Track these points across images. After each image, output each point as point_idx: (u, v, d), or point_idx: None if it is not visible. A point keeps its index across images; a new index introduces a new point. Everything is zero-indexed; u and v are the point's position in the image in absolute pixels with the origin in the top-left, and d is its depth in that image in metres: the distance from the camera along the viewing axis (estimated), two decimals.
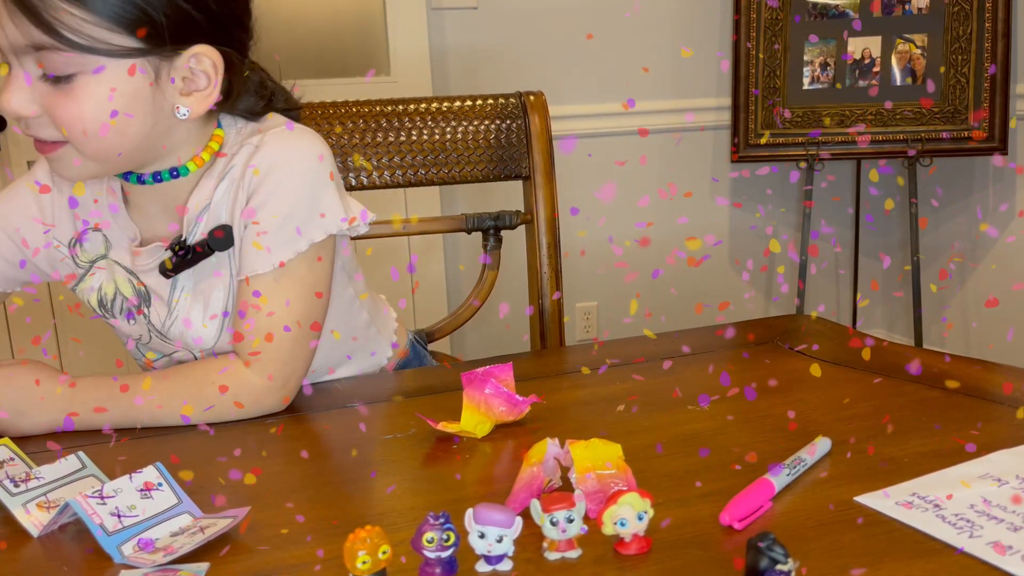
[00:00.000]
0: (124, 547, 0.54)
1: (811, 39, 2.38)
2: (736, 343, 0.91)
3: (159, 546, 0.54)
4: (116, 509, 0.55)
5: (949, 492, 0.54)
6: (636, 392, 0.76)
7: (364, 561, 0.46)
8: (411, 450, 0.67)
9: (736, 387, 0.73)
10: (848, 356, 0.83)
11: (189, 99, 0.76)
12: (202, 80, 0.76)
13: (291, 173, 0.79)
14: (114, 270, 0.83)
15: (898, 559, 0.48)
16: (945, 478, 0.57)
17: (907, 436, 0.65)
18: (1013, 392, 0.74)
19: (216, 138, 0.82)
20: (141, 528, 0.55)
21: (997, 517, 0.51)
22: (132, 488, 0.57)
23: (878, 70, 2.35)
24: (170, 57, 0.74)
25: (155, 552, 0.53)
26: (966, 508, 0.52)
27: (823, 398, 0.74)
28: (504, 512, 0.48)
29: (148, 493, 0.57)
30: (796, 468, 0.59)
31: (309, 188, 0.79)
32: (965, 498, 0.53)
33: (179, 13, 0.72)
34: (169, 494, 0.58)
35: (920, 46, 2.33)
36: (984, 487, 0.55)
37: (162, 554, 0.53)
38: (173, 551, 0.53)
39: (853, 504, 0.55)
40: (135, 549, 0.54)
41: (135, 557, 0.53)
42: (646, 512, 0.50)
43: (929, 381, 0.76)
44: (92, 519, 0.54)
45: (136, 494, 0.57)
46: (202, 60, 0.75)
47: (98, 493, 0.55)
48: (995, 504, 0.52)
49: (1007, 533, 0.49)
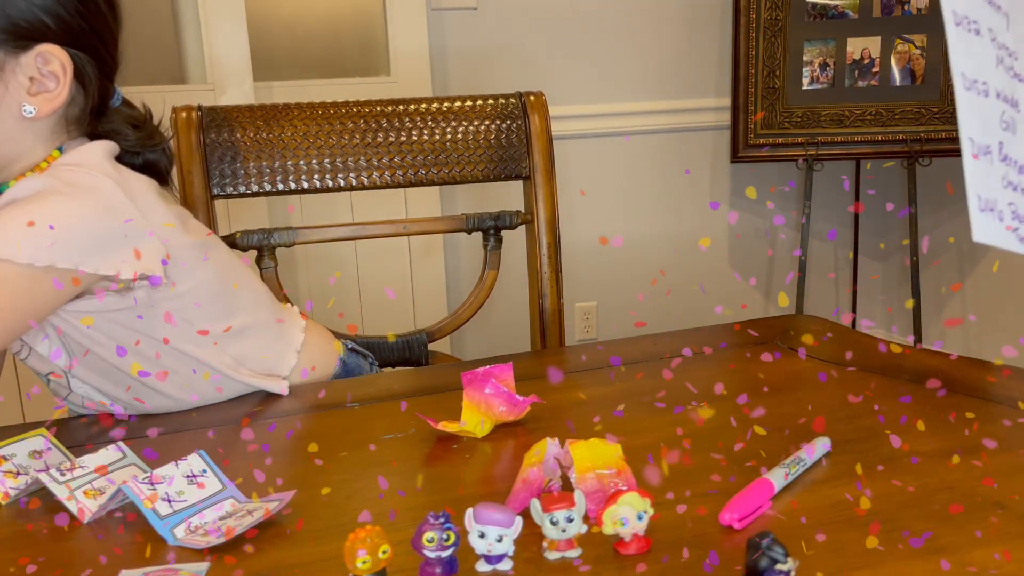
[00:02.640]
0: (176, 530, 0.56)
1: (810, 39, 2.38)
2: (736, 343, 0.91)
3: (212, 528, 0.56)
4: (166, 494, 0.57)
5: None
6: (636, 392, 0.76)
7: (364, 561, 0.46)
8: (411, 450, 0.67)
9: (736, 387, 0.73)
10: (846, 356, 0.83)
11: (36, 99, 0.74)
12: (51, 82, 0.74)
13: (50, 203, 0.71)
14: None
15: (898, 559, 0.48)
16: None
17: (906, 436, 0.65)
18: (1012, 392, 0.74)
19: (50, 159, 0.77)
20: (190, 512, 0.57)
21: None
22: (179, 474, 0.59)
23: (878, 70, 2.35)
24: (15, 53, 0.72)
25: (207, 534, 0.55)
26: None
27: (822, 398, 0.74)
28: (504, 512, 0.48)
29: (195, 479, 0.59)
30: (795, 468, 0.59)
31: (57, 219, 0.70)
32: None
33: (25, 7, 0.71)
34: (214, 480, 0.60)
35: (920, 46, 2.33)
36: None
37: (215, 535, 0.55)
38: (224, 532, 0.54)
39: (853, 504, 0.55)
40: (187, 532, 0.56)
41: (188, 539, 0.55)
42: (646, 512, 0.50)
43: (929, 380, 0.76)
44: (144, 504, 0.56)
45: (183, 480, 0.59)
46: (49, 59, 0.74)
47: (148, 479, 0.57)
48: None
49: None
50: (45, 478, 0.59)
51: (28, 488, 0.62)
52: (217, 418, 0.78)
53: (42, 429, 0.67)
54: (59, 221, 0.70)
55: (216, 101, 2.14)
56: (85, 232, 0.72)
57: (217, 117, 1.06)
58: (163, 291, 0.77)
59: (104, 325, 0.76)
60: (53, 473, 0.60)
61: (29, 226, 0.69)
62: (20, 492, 0.62)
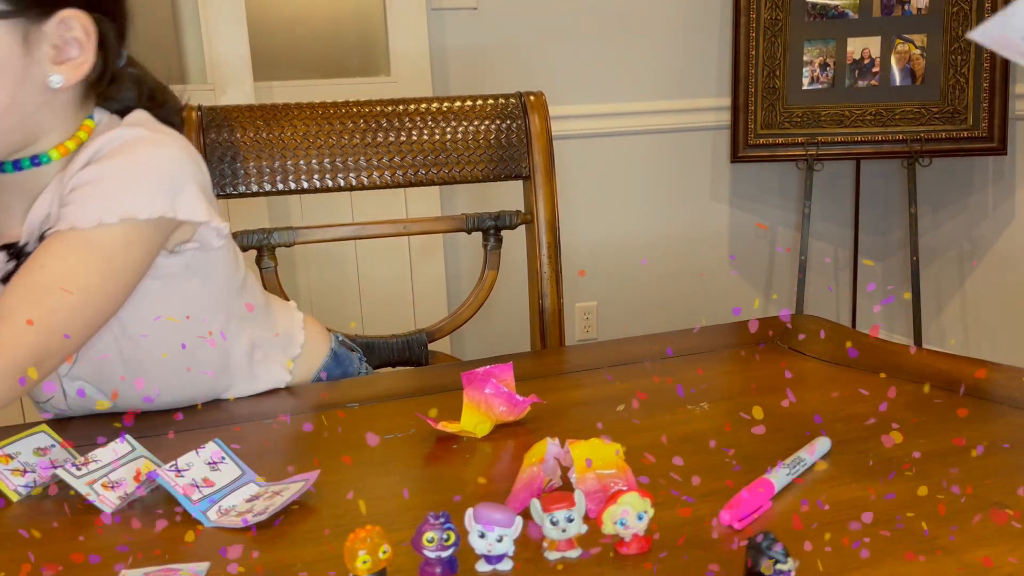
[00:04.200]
0: (209, 513, 0.57)
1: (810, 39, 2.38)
2: (736, 343, 0.91)
3: (241, 510, 0.58)
4: (193, 480, 0.59)
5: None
6: (636, 392, 0.76)
7: (364, 561, 0.46)
8: (411, 450, 0.67)
9: (737, 387, 0.73)
10: (847, 356, 0.83)
11: (61, 67, 0.73)
12: (74, 49, 0.73)
13: (128, 160, 0.73)
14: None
15: (898, 559, 0.48)
16: None
17: (908, 436, 0.65)
18: (1012, 391, 0.74)
19: (85, 128, 0.77)
20: (218, 496, 0.59)
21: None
22: (201, 462, 0.60)
23: (878, 70, 2.35)
24: (38, 21, 0.70)
25: (240, 515, 0.57)
26: None
27: (823, 398, 0.74)
28: (504, 512, 0.48)
29: (216, 466, 0.61)
30: (796, 468, 0.59)
31: (145, 167, 0.73)
32: None
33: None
34: (232, 467, 0.61)
35: (920, 46, 2.33)
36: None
37: (251, 515, 0.56)
38: (259, 513, 0.56)
39: (853, 503, 0.55)
40: (219, 514, 0.58)
41: (224, 520, 0.57)
42: (646, 512, 0.50)
43: (930, 380, 0.76)
44: (176, 489, 0.58)
45: (206, 467, 0.60)
46: (72, 25, 0.72)
47: (174, 467, 0.59)
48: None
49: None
50: (63, 473, 0.60)
51: (37, 484, 0.62)
52: (216, 418, 0.77)
53: (43, 426, 0.67)
54: (157, 168, 0.73)
55: (216, 101, 2.14)
56: (181, 176, 0.74)
57: (217, 117, 1.06)
58: (205, 256, 0.78)
59: (143, 295, 0.76)
60: (69, 468, 0.60)
61: (132, 181, 0.71)
62: (30, 489, 0.62)
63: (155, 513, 0.58)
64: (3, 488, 0.61)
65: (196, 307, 0.80)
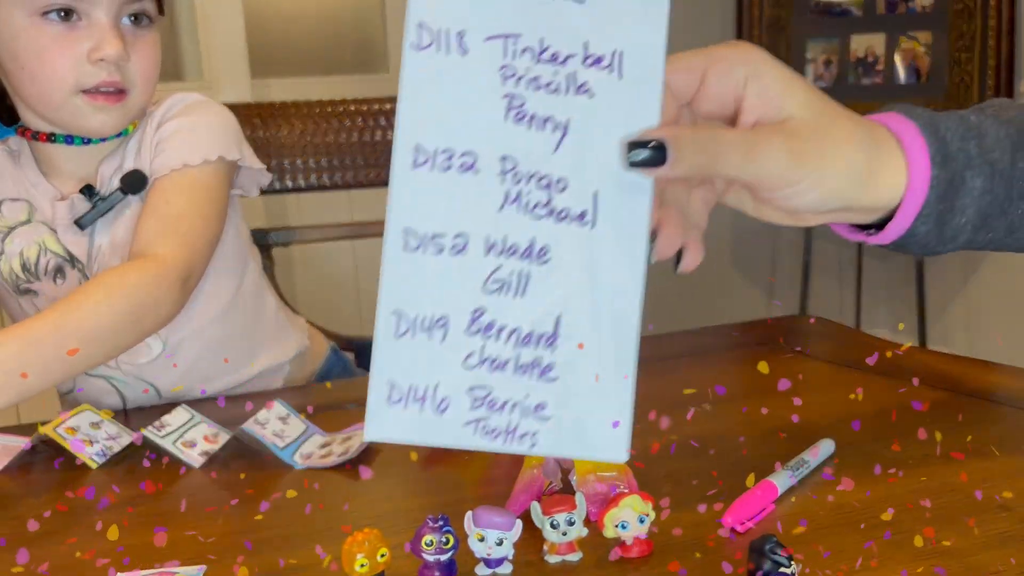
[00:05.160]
0: (295, 458, 0.65)
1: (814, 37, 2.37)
2: (739, 344, 0.91)
3: (322, 454, 0.65)
4: (273, 431, 0.67)
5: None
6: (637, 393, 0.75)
7: (362, 564, 0.45)
8: (410, 452, 0.67)
9: (739, 388, 0.73)
10: (851, 357, 0.83)
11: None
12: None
13: (201, 112, 0.87)
14: (38, 231, 0.85)
15: (901, 562, 0.48)
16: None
17: (911, 438, 0.64)
18: (1015, 392, 0.73)
19: (155, 99, 0.88)
20: (297, 444, 0.67)
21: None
22: (274, 417, 0.68)
23: (882, 68, 2.35)
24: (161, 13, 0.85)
25: (322, 458, 0.65)
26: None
27: (826, 400, 0.73)
28: (504, 515, 0.48)
29: (285, 420, 0.69)
30: (799, 470, 0.58)
31: (216, 118, 0.87)
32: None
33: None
34: (297, 422, 0.69)
35: (924, 44, 2.32)
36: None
37: (334, 457, 0.64)
38: (341, 455, 0.64)
39: (856, 506, 0.54)
40: (302, 458, 0.65)
41: (310, 461, 0.65)
42: (648, 515, 0.49)
43: (932, 381, 0.76)
44: (265, 439, 0.66)
45: (278, 422, 0.68)
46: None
47: (256, 421, 0.67)
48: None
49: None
50: (149, 434, 0.67)
51: (106, 454, 0.67)
52: (217, 417, 0.77)
53: (86, 404, 0.72)
54: (225, 122, 0.86)
55: (213, 98, 2.14)
56: (238, 129, 0.88)
57: None
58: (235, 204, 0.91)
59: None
60: (152, 430, 0.67)
61: (213, 129, 0.85)
62: (106, 457, 0.67)
63: (234, 466, 0.65)
64: (83, 457, 0.66)
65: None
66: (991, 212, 0.48)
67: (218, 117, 0.87)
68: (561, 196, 0.41)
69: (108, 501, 0.60)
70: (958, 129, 0.47)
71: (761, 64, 0.45)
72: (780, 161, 0.43)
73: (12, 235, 0.84)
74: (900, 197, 0.47)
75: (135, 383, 0.88)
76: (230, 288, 0.90)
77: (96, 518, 0.57)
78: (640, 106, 0.41)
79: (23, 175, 0.85)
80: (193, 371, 0.88)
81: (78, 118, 0.81)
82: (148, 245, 0.78)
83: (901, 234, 0.48)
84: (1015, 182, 0.48)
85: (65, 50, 0.78)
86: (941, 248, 0.49)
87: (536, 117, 0.40)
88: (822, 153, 0.44)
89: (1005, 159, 0.48)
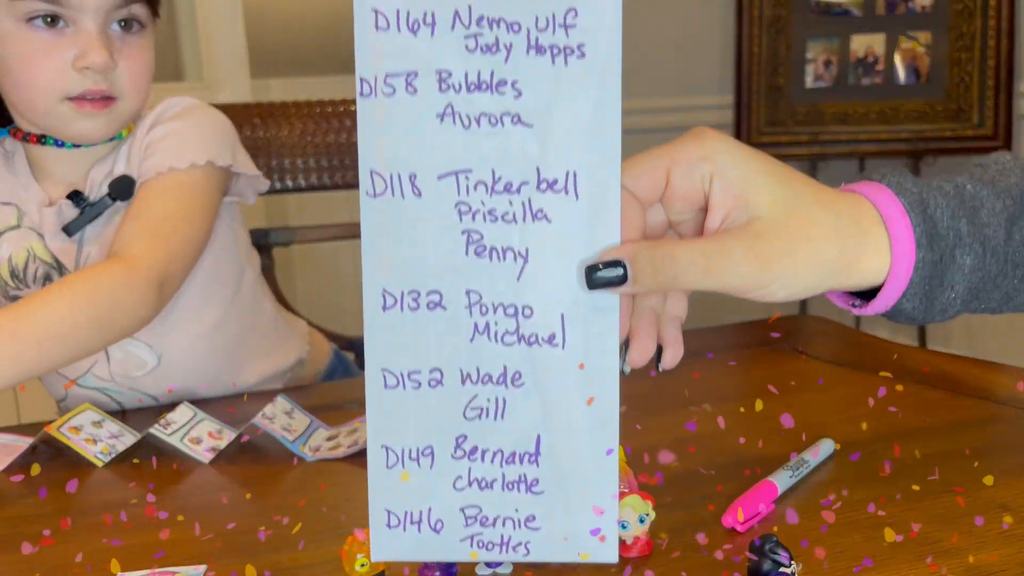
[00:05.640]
0: (305, 451, 0.66)
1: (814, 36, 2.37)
2: (738, 343, 0.91)
3: (330, 447, 0.66)
4: (281, 426, 0.68)
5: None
6: (638, 393, 0.75)
7: (363, 564, 0.45)
8: None
9: (740, 388, 0.72)
10: (851, 357, 0.83)
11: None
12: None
13: (194, 116, 0.86)
14: (27, 237, 0.83)
15: (902, 562, 0.48)
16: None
17: (911, 437, 0.64)
18: (1015, 392, 0.73)
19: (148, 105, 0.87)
20: (304, 439, 0.68)
21: None
22: (280, 411, 0.69)
23: (882, 68, 2.35)
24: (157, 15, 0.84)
25: (331, 450, 0.66)
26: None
27: (826, 399, 0.73)
28: None
29: (291, 414, 0.70)
30: (799, 470, 0.58)
31: (208, 123, 0.86)
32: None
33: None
34: (302, 416, 0.70)
35: (924, 44, 2.32)
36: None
37: (343, 449, 0.65)
38: (350, 446, 0.65)
39: (856, 506, 0.54)
40: (311, 451, 0.66)
41: (320, 453, 0.66)
42: (648, 515, 0.49)
43: (932, 381, 0.75)
44: (275, 432, 0.67)
45: (285, 416, 0.69)
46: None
47: (264, 415, 0.68)
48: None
49: None
50: (156, 431, 0.67)
51: (115, 451, 0.68)
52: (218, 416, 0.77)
53: (87, 404, 0.72)
54: (220, 127, 0.86)
55: (213, 99, 2.13)
56: (233, 135, 0.87)
57: None
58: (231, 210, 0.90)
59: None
60: (157, 429, 0.68)
61: (206, 133, 0.84)
62: (110, 456, 0.67)
63: (243, 460, 0.66)
64: (87, 455, 0.67)
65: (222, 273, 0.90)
66: (983, 287, 0.47)
67: (211, 122, 0.86)
68: (528, 322, 0.41)
69: (110, 500, 0.60)
70: (949, 205, 0.46)
71: (724, 158, 0.43)
72: (742, 269, 0.43)
73: (0, 240, 0.83)
74: (883, 278, 0.46)
75: (131, 394, 0.87)
76: (225, 298, 0.89)
77: (99, 518, 0.57)
78: (599, 224, 0.41)
79: (14, 178, 0.84)
80: (188, 383, 0.86)
81: (65, 124, 0.80)
82: (124, 245, 0.77)
83: (887, 309, 0.47)
84: (1010, 256, 0.47)
85: (50, 58, 0.77)
86: (933, 319, 0.48)
87: (496, 249, 0.41)
88: (791, 253, 0.43)
89: (999, 235, 0.46)
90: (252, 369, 0.91)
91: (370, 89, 0.40)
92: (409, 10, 0.39)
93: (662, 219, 0.46)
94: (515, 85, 0.40)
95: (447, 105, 0.40)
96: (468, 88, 0.40)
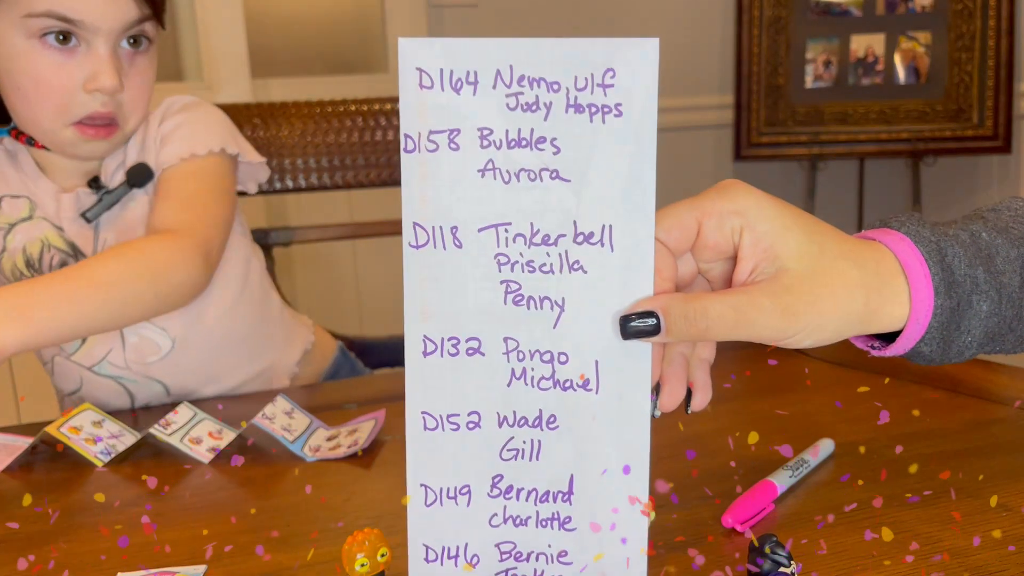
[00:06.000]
0: (305, 451, 0.66)
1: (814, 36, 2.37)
2: (738, 343, 0.91)
3: (330, 447, 0.66)
4: (281, 426, 0.68)
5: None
6: None
7: (363, 564, 0.45)
8: None
9: (739, 388, 0.72)
10: (851, 357, 0.83)
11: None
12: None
13: (199, 110, 0.89)
14: (40, 227, 0.84)
15: (901, 562, 0.48)
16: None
17: (911, 438, 0.64)
18: (1015, 392, 0.73)
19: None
20: (304, 438, 0.68)
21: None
22: (280, 411, 0.69)
23: (882, 68, 2.35)
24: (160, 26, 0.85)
25: (331, 450, 0.66)
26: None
27: (826, 399, 0.73)
28: None
29: (291, 414, 0.70)
30: (799, 470, 0.58)
31: (212, 116, 0.89)
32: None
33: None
34: (302, 416, 0.70)
35: (924, 44, 2.32)
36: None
37: (343, 449, 0.66)
38: (351, 446, 0.65)
39: (856, 506, 0.54)
40: (311, 451, 0.66)
41: (320, 453, 0.66)
42: (647, 515, 0.49)
43: (932, 382, 0.75)
44: (275, 432, 0.67)
45: (285, 416, 0.69)
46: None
47: (264, 415, 0.68)
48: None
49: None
50: (156, 431, 0.67)
51: (115, 451, 0.68)
52: (218, 416, 0.77)
53: (87, 404, 0.71)
54: (222, 118, 0.89)
55: (213, 99, 2.14)
56: (230, 125, 0.90)
57: None
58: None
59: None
60: (158, 428, 0.67)
61: (212, 125, 0.87)
62: (110, 456, 0.67)
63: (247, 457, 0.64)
64: (87, 455, 0.67)
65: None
66: (999, 331, 0.48)
67: (214, 115, 0.90)
68: (563, 368, 0.43)
69: (111, 500, 0.60)
70: (965, 254, 0.47)
71: (754, 213, 0.45)
72: (771, 322, 0.44)
73: (13, 231, 0.84)
74: (903, 324, 0.47)
75: (145, 382, 0.88)
76: (236, 284, 0.90)
77: (99, 518, 0.57)
78: (632, 275, 0.42)
79: (22, 174, 0.86)
80: (203, 369, 0.88)
81: (66, 147, 0.82)
82: (163, 221, 0.80)
83: (906, 351, 0.49)
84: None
85: (60, 79, 0.77)
86: (950, 360, 0.49)
87: (533, 299, 0.42)
88: (817, 305, 0.45)
89: (1015, 282, 0.48)
90: (263, 357, 0.92)
91: (414, 145, 0.41)
92: (452, 69, 0.40)
93: (692, 268, 0.48)
94: (554, 142, 0.41)
95: (488, 160, 0.41)
96: (509, 144, 0.41)
